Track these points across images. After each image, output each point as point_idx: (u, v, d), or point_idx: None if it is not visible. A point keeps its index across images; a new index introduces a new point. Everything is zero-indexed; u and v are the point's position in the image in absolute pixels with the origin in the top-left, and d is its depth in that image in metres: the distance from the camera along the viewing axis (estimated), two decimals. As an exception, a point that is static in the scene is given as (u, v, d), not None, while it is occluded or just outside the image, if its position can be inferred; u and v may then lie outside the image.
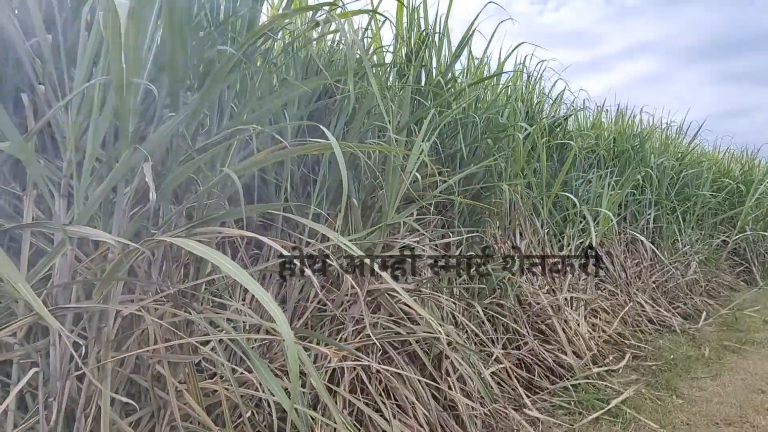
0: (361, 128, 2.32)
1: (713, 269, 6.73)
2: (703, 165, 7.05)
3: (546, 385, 3.14)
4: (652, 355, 4.00)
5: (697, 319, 5.12)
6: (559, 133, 4.50)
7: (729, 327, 4.90)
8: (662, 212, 5.89)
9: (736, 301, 5.82)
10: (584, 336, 3.61)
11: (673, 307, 5.31)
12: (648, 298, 5.21)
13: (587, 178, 4.79)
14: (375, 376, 2.28)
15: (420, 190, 2.54)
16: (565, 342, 3.37)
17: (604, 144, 5.49)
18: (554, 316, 3.43)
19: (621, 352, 3.98)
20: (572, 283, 4.16)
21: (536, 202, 3.77)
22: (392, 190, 2.33)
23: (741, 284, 7.19)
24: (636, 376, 3.53)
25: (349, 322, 2.25)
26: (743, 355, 4.03)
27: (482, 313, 3.07)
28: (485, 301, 3.21)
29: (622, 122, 5.71)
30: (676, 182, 6.08)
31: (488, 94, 3.92)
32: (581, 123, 5.60)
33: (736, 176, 8.00)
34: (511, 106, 3.58)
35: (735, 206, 7.63)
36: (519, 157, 3.29)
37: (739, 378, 3.48)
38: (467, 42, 3.36)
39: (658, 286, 5.41)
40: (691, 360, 3.90)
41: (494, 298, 3.29)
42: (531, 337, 3.36)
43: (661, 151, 6.03)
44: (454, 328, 2.78)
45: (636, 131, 5.69)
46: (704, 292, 6.09)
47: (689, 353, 4.06)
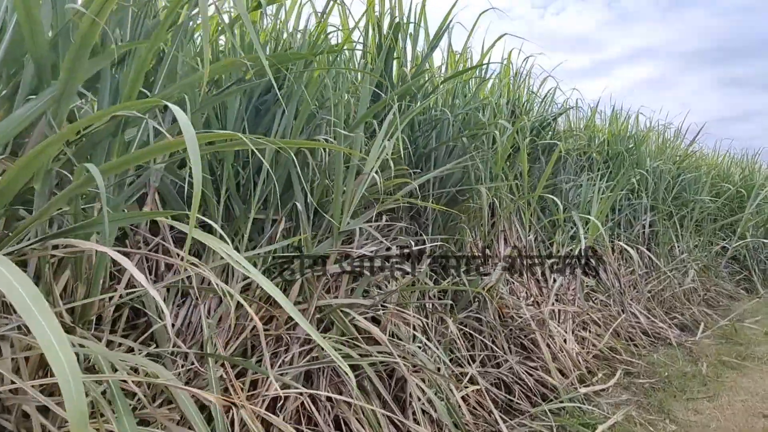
0: (309, 123, 2.05)
1: (712, 277, 6.46)
2: (702, 169, 6.79)
3: (526, 408, 2.86)
4: (646, 371, 3.71)
5: (694, 331, 4.84)
6: (547, 133, 4.23)
7: (728, 340, 4.62)
8: (659, 217, 5.62)
9: (736, 312, 5.54)
10: (570, 352, 3.33)
11: (670, 318, 5.03)
12: (643, 308, 4.93)
13: (578, 181, 4.52)
14: (324, 405, 2.01)
15: (382, 193, 2.27)
16: (549, 359, 3.08)
17: (596, 146, 5.23)
18: (537, 330, 3.15)
19: (612, 368, 3.70)
20: (560, 294, 3.89)
21: (521, 207, 3.50)
22: (344, 193, 2.06)
23: (741, 293, 6.90)
24: (627, 396, 3.25)
25: (294, 343, 1.98)
26: (743, 372, 3.74)
27: (455, 329, 2.79)
28: (460, 315, 2.93)
29: (615, 124, 5.44)
30: (673, 186, 5.81)
31: (469, 90, 3.66)
32: (573, 124, 5.33)
33: (736, 181, 7.74)
34: (491, 103, 3.31)
35: (735, 212, 7.36)
36: (499, 158, 3.02)
37: (738, 399, 3.20)
38: (444, 33, 3.09)
39: (654, 295, 5.13)
40: (687, 377, 3.62)
41: (471, 311, 3.01)
42: (512, 354, 3.09)
43: (657, 154, 5.76)
44: (424, 346, 2.51)
45: (631, 133, 5.42)
46: (702, 302, 5.81)
47: (685, 369, 3.78)
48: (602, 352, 3.78)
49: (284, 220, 2.11)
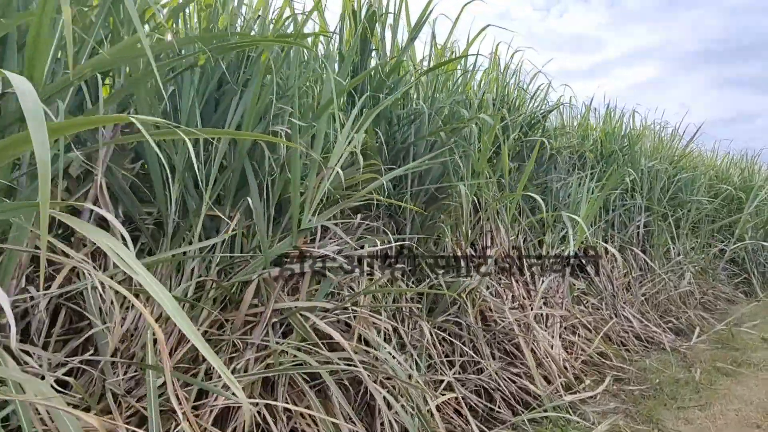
0: (266, 112, 1.91)
1: (710, 280, 6.31)
2: (699, 169, 6.63)
3: (507, 417, 2.72)
4: (636, 378, 3.57)
5: (689, 336, 4.69)
6: (537, 131, 4.09)
7: (724, 345, 4.47)
8: (654, 218, 5.47)
9: (733, 316, 5.39)
10: (556, 357, 3.19)
11: (665, 322, 4.88)
12: (636, 312, 4.78)
13: (569, 180, 4.37)
14: (280, 417, 1.87)
15: (344, 189, 2.13)
16: (533, 365, 2.94)
17: (590, 145, 5.09)
18: (521, 335, 3.01)
19: (601, 374, 3.55)
20: (548, 297, 3.74)
21: (506, 206, 3.36)
22: (305, 189, 1.92)
23: (740, 296, 6.75)
24: (615, 404, 3.11)
25: (249, 349, 1.84)
26: (738, 379, 3.60)
27: (431, 335, 2.65)
28: (439, 319, 2.79)
29: (609, 122, 5.29)
30: (668, 188, 5.66)
31: (456, 85, 3.52)
32: (567, 122, 5.19)
33: (734, 182, 7.58)
34: (475, 98, 3.17)
35: (733, 214, 7.20)
36: (481, 155, 2.88)
37: (732, 409, 3.06)
38: (424, 22, 2.95)
39: (648, 298, 4.98)
40: (680, 384, 3.47)
41: (449, 315, 2.87)
42: (494, 360, 2.95)
43: (653, 154, 5.62)
44: (398, 352, 2.37)
45: (626, 132, 5.27)
46: (699, 305, 5.66)
47: (678, 376, 3.63)
48: (591, 358, 3.64)
49: (242, 216, 1.97)
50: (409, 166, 2.39)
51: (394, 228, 2.85)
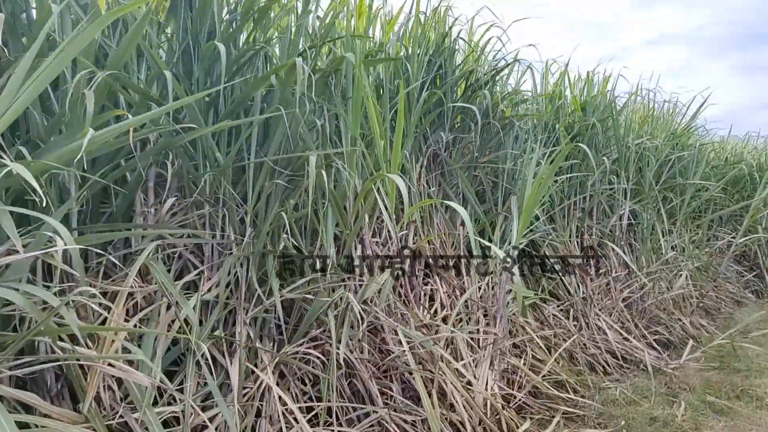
0: None
1: (712, 278, 5.36)
2: (706, 148, 5.67)
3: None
4: (597, 416, 2.70)
5: (681, 350, 3.80)
6: (479, 94, 3.20)
7: (722, 364, 3.57)
8: (643, 206, 4.54)
9: (741, 324, 4.46)
10: (477, 398, 2.33)
11: (651, 333, 3.98)
12: (615, 321, 3.90)
13: (531, 158, 3.47)
14: None
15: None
16: (431, 412, 2.09)
17: (566, 117, 4.18)
18: (416, 370, 2.16)
19: (551, 410, 2.69)
20: (488, 308, 2.88)
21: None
22: None
23: (749, 296, 5.81)
24: (557, 461, 2.26)
25: None
26: (732, 418, 2.71)
27: (271, 368, 1.82)
28: (288, 348, 1.95)
29: (587, 90, 4.37)
30: (664, 169, 4.71)
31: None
32: (541, 90, 4.27)
33: (749, 163, 6.52)
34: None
35: (745, 201, 6.20)
36: (355, 110, 2.01)
37: (719, 473, 2.19)
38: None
39: (630, 304, 4.09)
40: (655, 428, 2.60)
41: (313, 342, 2.03)
42: (375, 404, 2.10)
43: (640, 128, 4.70)
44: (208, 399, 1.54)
45: (608, 101, 4.34)
46: (698, 310, 4.74)
47: (654, 413, 2.76)
48: (537, 389, 2.77)
49: None
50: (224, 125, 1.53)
51: (230, 216, 2.01)
